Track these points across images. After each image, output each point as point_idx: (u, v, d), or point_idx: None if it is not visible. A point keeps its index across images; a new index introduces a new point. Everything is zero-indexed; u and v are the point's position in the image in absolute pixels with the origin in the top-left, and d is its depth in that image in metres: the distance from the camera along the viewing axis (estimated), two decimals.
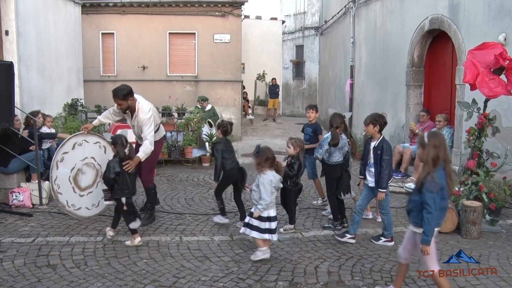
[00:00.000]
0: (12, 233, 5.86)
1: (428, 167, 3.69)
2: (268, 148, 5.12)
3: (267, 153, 4.98)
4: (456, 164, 7.90)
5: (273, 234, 4.98)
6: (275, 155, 5.05)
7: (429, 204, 3.63)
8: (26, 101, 9.07)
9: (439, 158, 3.68)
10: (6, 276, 4.59)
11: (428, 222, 3.66)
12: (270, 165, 4.96)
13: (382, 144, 5.31)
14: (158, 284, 4.43)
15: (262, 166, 4.95)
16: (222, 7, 14.70)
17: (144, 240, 5.58)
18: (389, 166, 5.32)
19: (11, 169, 7.17)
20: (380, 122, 5.38)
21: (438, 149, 3.68)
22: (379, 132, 5.39)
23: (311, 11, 23.05)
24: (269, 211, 4.95)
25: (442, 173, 3.70)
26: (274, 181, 4.94)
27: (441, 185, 3.66)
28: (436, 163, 3.68)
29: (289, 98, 25.20)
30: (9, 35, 8.71)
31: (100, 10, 14.78)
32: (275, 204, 5.10)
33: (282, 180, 5.11)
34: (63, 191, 6.14)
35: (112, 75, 14.90)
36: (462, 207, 5.79)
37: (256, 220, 4.96)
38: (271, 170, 4.98)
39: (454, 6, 8.13)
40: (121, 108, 5.91)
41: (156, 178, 9.02)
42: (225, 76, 15.00)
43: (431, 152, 3.69)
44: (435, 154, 3.68)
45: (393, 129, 10.53)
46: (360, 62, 12.90)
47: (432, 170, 3.67)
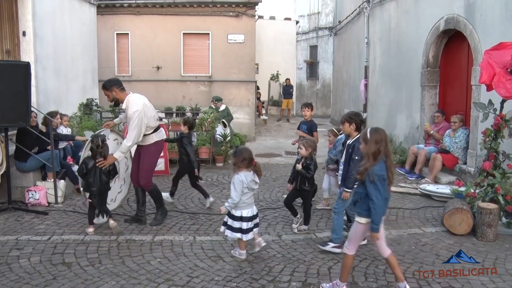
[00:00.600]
0: (28, 231, 5.94)
1: (369, 161, 3.96)
2: (246, 149, 5.15)
3: (244, 153, 4.97)
4: (472, 165, 7.82)
5: (244, 234, 4.96)
6: (252, 156, 5.03)
7: (374, 195, 3.91)
8: (42, 101, 9.17)
9: (380, 152, 3.94)
10: (22, 273, 4.65)
11: (375, 212, 3.93)
12: (247, 165, 4.95)
13: (355, 143, 5.16)
14: (171, 283, 4.45)
15: (238, 167, 4.96)
16: (236, 7, 14.72)
17: (157, 239, 5.62)
18: (357, 166, 5.21)
19: (28, 166, 7.29)
20: (356, 120, 5.28)
21: (379, 145, 3.95)
22: (356, 130, 5.27)
23: (325, 11, 23.02)
24: (242, 211, 4.96)
25: (383, 165, 3.96)
26: (245, 182, 4.92)
27: (382, 176, 3.92)
28: (377, 157, 3.94)
29: (303, 99, 25.15)
30: (26, 35, 8.82)
31: (115, 10, 14.90)
32: (251, 205, 5.06)
33: (256, 182, 5.02)
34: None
35: (126, 75, 15.01)
36: (478, 209, 5.73)
37: (230, 219, 5.02)
38: (248, 171, 4.97)
39: (470, 6, 8.05)
40: (108, 99, 6.05)
41: (170, 177, 9.06)
42: (239, 76, 15.02)
43: (372, 147, 3.96)
44: (376, 149, 3.94)
45: (408, 130, 10.46)
46: (375, 62, 12.83)
47: (373, 163, 3.93)
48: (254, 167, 5.02)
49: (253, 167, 5.01)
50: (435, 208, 6.99)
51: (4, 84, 6.43)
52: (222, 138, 10.87)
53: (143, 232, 5.91)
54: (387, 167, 3.99)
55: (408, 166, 9.35)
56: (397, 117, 11.10)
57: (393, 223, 6.32)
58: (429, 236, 5.82)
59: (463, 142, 8.25)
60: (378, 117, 12.36)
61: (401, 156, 9.89)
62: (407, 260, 5.02)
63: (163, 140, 6.36)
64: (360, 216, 4.11)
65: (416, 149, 9.25)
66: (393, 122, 11.25)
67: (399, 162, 9.81)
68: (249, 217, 4.99)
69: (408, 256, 5.15)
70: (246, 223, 4.97)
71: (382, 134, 4.02)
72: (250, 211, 5.01)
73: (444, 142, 8.56)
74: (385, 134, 4.06)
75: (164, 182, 8.68)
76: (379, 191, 3.91)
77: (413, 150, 9.29)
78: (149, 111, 5.97)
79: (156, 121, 6.16)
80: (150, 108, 6.02)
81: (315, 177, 6.14)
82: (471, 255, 5.15)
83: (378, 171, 3.92)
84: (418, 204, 7.26)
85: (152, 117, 6.04)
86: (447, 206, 6.11)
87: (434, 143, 9.10)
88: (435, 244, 5.51)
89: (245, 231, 4.97)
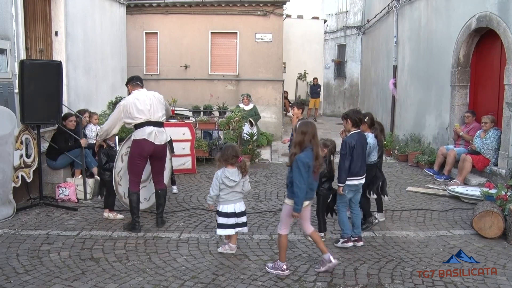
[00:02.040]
0: (58, 226, 6.08)
1: (295, 148, 4.47)
2: (232, 145, 5.21)
3: (227, 150, 5.02)
4: (503, 167, 7.64)
5: (219, 228, 5.10)
6: (238, 153, 5.03)
7: (297, 179, 4.37)
8: (73, 99, 9.36)
9: (304, 142, 4.43)
10: (53, 267, 4.76)
11: (297, 195, 4.39)
12: (231, 162, 4.98)
13: (344, 139, 5.40)
14: (197, 280, 4.49)
15: (221, 162, 5.04)
16: (264, 6, 14.72)
17: (184, 237, 5.68)
18: (345, 161, 5.27)
19: (58, 164, 7.47)
20: (352, 117, 5.39)
21: (304, 135, 4.44)
22: (353, 126, 5.38)
23: (353, 10, 22.78)
24: (235, 206, 5.05)
25: (310, 154, 4.42)
26: (219, 177, 4.98)
27: (306, 163, 4.37)
28: (302, 146, 4.44)
29: (330, 98, 24.99)
30: (58, 35, 9.02)
31: (144, 10, 15.09)
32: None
33: (231, 179, 4.99)
34: (123, 183, 6.27)
35: (155, 74, 15.19)
36: (509, 212, 5.60)
37: (222, 218, 5.05)
38: (233, 167, 5.01)
39: (504, 3, 7.85)
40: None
41: (197, 176, 9.15)
42: (266, 76, 15.02)
43: (298, 137, 4.50)
44: (301, 139, 4.45)
45: (437, 130, 10.29)
46: (403, 61, 12.65)
47: (299, 151, 4.43)
48: (239, 164, 5.02)
49: (237, 163, 5.02)
50: (464, 211, 6.85)
51: (37, 83, 6.60)
52: (249, 137, 10.89)
53: (169, 229, 5.98)
54: (313, 155, 4.43)
55: (436, 167, 9.20)
56: (426, 117, 10.92)
57: (421, 225, 6.23)
58: (457, 238, 5.71)
59: (494, 143, 8.07)
60: (407, 117, 12.18)
61: (430, 157, 9.73)
62: (434, 263, 4.94)
63: (146, 140, 5.80)
64: (287, 198, 4.61)
65: (445, 150, 9.09)
66: (422, 122, 11.08)
67: (427, 163, 9.66)
68: (225, 213, 5.04)
69: (436, 258, 5.06)
70: (221, 218, 5.04)
71: (309, 127, 4.51)
72: (229, 207, 5.04)
73: (475, 143, 8.39)
74: (313, 128, 4.53)
75: (191, 180, 8.75)
76: (302, 176, 4.36)
77: (442, 151, 9.13)
78: (142, 105, 5.83)
79: (139, 116, 5.82)
80: (142, 102, 5.84)
81: None
82: (502, 259, 5.05)
83: (304, 158, 4.38)
84: (446, 206, 7.14)
85: (136, 111, 5.81)
86: (477, 209, 5.99)
87: (463, 144, 8.93)
88: (463, 247, 5.40)
89: (219, 225, 5.08)
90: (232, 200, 5.07)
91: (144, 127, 5.83)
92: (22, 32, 7.60)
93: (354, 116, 5.40)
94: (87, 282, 4.42)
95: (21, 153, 6.78)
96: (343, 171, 5.28)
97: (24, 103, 6.57)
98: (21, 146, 6.76)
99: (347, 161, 5.28)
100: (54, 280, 4.45)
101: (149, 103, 5.90)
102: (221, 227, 5.08)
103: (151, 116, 5.88)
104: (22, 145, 6.79)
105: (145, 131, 5.82)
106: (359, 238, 5.49)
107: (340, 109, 23.92)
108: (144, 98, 5.91)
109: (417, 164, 10.01)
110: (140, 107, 5.83)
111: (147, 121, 5.85)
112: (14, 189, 6.60)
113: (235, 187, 5.04)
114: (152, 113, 5.88)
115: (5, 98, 6.96)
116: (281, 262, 4.65)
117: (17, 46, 7.46)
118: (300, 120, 4.77)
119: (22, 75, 6.48)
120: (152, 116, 5.88)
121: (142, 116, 5.83)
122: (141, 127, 5.84)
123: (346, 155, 5.29)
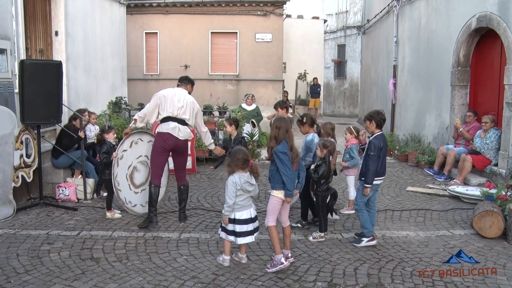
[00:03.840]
0: (58, 226, 6.08)
1: (272, 142, 4.81)
2: (242, 149, 4.94)
3: (239, 154, 4.78)
4: (503, 167, 7.64)
5: (238, 237, 4.79)
6: (249, 156, 4.83)
7: (282, 168, 4.71)
8: (73, 99, 9.36)
9: (279, 135, 4.77)
10: (53, 267, 4.76)
11: (287, 181, 4.71)
12: (242, 166, 4.77)
13: (373, 140, 5.39)
14: (197, 280, 4.49)
15: (234, 167, 4.78)
16: (264, 6, 14.73)
17: (184, 237, 5.68)
18: (374, 162, 5.30)
19: (59, 163, 7.48)
20: (376, 118, 5.42)
21: (279, 130, 4.78)
22: (377, 128, 5.43)
23: (353, 10, 22.82)
24: (235, 213, 4.77)
25: (285, 145, 4.76)
26: (239, 183, 4.72)
27: (284, 153, 4.70)
28: (277, 139, 4.77)
29: (330, 98, 25.01)
30: (58, 35, 9.01)
31: (144, 10, 15.10)
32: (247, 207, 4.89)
33: (251, 183, 4.82)
34: (122, 188, 6.32)
35: (155, 74, 15.20)
36: (509, 212, 5.60)
37: (242, 226, 4.79)
38: (244, 172, 4.80)
39: (504, 3, 7.85)
40: None
41: (197, 176, 9.16)
42: (267, 75, 15.03)
43: (273, 131, 4.83)
44: (276, 133, 4.79)
45: (437, 130, 10.29)
46: (404, 61, 12.65)
47: (275, 144, 4.77)
48: (251, 168, 4.85)
49: (249, 168, 4.83)
50: (464, 210, 6.85)
51: (37, 83, 6.61)
52: (249, 137, 10.88)
53: (169, 229, 5.98)
54: (288, 146, 4.76)
55: (436, 167, 9.19)
56: (426, 117, 10.92)
57: (421, 225, 6.23)
58: (457, 238, 5.72)
59: (494, 143, 8.07)
60: (407, 117, 12.19)
61: (430, 157, 9.73)
62: (434, 263, 4.94)
63: (166, 133, 6.06)
64: (274, 190, 4.83)
65: (445, 149, 9.08)
66: (422, 122, 11.08)
67: (427, 162, 9.66)
68: (243, 220, 4.79)
69: (436, 258, 5.07)
70: (240, 225, 4.78)
71: (283, 122, 4.83)
72: (245, 213, 4.81)
73: (475, 143, 8.39)
74: (287, 123, 4.85)
75: (191, 180, 8.75)
76: (286, 165, 4.70)
77: (442, 150, 9.13)
78: (167, 99, 6.13)
79: (164, 111, 6.12)
80: (170, 99, 6.15)
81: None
82: (502, 259, 5.05)
83: (281, 149, 4.72)
84: (446, 206, 7.14)
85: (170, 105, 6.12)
86: (477, 208, 5.99)
87: (464, 144, 8.93)
88: (463, 247, 5.40)
89: (238, 234, 4.79)
90: (247, 206, 4.86)
91: (169, 121, 6.10)
92: (22, 32, 7.59)
93: (378, 117, 5.43)
94: (87, 282, 4.42)
95: (21, 153, 6.78)
96: (372, 172, 5.29)
97: (24, 103, 6.57)
98: (21, 146, 6.76)
99: (376, 162, 5.32)
100: (54, 280, 4.45)
101: (183, 103, 6.15)
102: (241, 236, 4.78)
103: (179, 114, 6.14)
104: (22, 145, 6.79)
105: (169, 125, 6.07)
106: (373, 237, 5.55)
107: (340, 109, 23.96)
108: (180, 97, 6.16)
109: (417, 164, 10.01)
110: (174, 103, 6.11)
111: (173, 117, 6.11)
112: (14, 189, 6.60)
113: (252, 191, 4.87)
114: (181, 113, 6.14)
115: (5, 98, 6.95)
116: (277, 255, 4.70)
117: (17, 46, 7.45)
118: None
119: (22, 75, 6.49)
120: (180, 115, 6.14)
121: (172, 111, 6.09)
122: (166, 121, 6.10)
123: (375, 156, 5.32)
